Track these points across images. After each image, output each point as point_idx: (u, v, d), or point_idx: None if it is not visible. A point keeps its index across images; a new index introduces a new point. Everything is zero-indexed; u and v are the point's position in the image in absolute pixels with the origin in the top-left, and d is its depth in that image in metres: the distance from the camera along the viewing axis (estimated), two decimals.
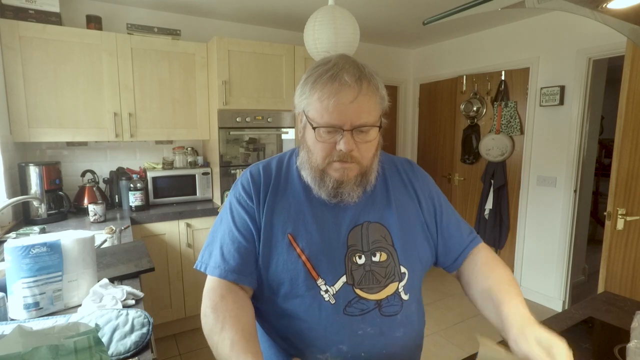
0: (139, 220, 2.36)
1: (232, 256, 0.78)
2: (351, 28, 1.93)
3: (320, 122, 0.72)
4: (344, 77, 0.71)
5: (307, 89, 0.74)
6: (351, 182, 0.76)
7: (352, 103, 0.70)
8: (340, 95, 0.70)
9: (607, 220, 1.98)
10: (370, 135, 0.75)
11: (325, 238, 0.78)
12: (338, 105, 0.70)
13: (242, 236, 0.79)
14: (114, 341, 0.88)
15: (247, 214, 0.81)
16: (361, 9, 2.74)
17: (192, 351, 2.43)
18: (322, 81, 0.72)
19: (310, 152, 0.77)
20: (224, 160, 2.69)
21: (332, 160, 0.75)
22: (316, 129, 0.73)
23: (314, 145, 0.75)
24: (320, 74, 0.73)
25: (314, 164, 0.77)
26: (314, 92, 0.73)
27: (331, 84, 0.71)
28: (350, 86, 0.70)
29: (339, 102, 0.70)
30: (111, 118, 2.42)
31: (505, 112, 3.24)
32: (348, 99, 0.70)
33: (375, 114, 0.74)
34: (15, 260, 1.00)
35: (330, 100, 0.70)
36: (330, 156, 0.74)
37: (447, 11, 0.87)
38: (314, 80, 0.73)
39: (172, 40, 2.56)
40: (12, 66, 2.13)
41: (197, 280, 2.60)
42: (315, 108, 0.73)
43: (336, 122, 0.71)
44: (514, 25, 3.13)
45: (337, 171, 0.75)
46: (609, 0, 0.75)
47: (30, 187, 2.18)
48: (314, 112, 0.73)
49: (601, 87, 2.99)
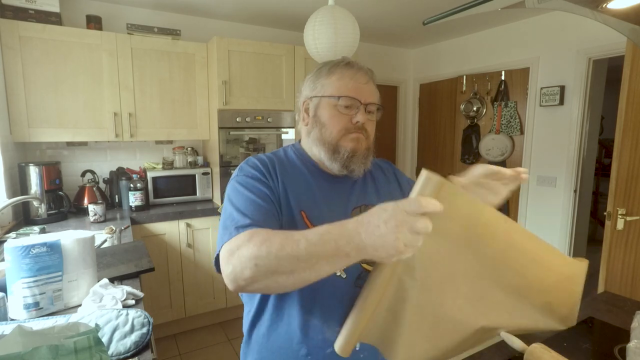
0: (139, 220, 2.36)
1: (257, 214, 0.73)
2: (351, 28, 1.93)
3: (341, 94, 0.82)
4: (358, 64, 0.85)
5: (322, 75, 0.85)
6: (361, 155, 0.84)
7: (366, 84, 0.84)
8: (358, 77, 0.83)
9: (607, 220, 1.98)
10: (377, 115, 0.87)
11: (333, 216, 0.80)
12: (356, 83, 0.83)
13: (264, 201, 0.77)
14: (114, 341, 0.88)
15: (264, 185, 0.80)
16: (361, 9, 2.74)
17: (192, 351, 2.43)
18: (339, 67, 0.84)
19: (325, 127, 0.84)
20: (224, 160, 2.69)
21: (348, 132, 0.83)
22: (340, 98, 0.82)
23: (330, 119, 0.83)
24: (335, 63, 0.85)
25: (328, 137, 0.84)
26: (332, 75, 0.84)
27: (349, 68, 0.84)
28: (364, 71, 0.85)
29: (357, 81, 0.83)
30: (111, 118, 2.42)
31: (505, 112, 3.24)
32: (363, 80, 0.83)
33: (379, 100, 0.86)
34: (15, 260, 1.01)
35: (350, 79, 0.83)
36: (346, 129, 0.83)
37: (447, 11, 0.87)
38: (329, 68, 0.85)
39: (172, 40, 2.56)
40: (12, 66, 2.13)
41: (197, 280, 2.60)
42: (334, 86, 0.83)
43: (356, 96, 0.82)
44: (514, 25, 3.13)
45: (352, 141, 0.83)
46: (609, 0, 0.75)
47: (30, 187, 2.18)
48: (332, 89, 0.83)
49: (601, 87, 2.98)
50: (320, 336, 0.78)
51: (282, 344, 0.80)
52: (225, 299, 2.71)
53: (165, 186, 2.68)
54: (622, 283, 1.94)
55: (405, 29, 3.32)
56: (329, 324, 0.79)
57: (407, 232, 0.48)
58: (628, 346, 0.85)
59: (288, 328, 0.80)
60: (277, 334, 0.81)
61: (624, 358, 0.85)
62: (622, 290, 1.93)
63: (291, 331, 0.79)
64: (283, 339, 0.80)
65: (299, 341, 0.78)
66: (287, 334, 0.80)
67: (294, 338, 0.79)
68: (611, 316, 1.09)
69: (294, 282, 0.59)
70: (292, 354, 0.79)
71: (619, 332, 0.99)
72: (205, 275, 2.62)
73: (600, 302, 1.19)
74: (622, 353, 0.88)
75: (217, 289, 2.67)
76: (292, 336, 0.79)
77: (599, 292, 1.90)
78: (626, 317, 1.06)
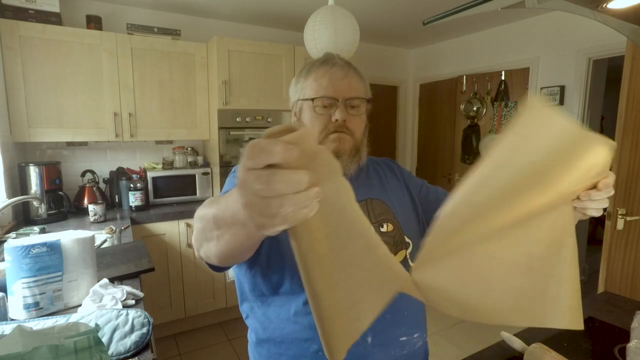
0: (139, 220, 2.36)
1: None
2: (351, 28, 1.93)
3: (316, 95, 0.80)
4: (334, 60, 0.83)
5: (302, 77, 0.84)
6: (347, 154, 0.82)
7: (343, 79, 0.80)
8: (333, 72, 0.81)
9: (607, 220, 1.98)
10: (361, 109, 0.83)
11: None
12: (332, 80, 0.80)
13: None
14: (114, 341, 0.88)
15: None
16: (361, 9, 2.74)
17: (192, 351, 2.43)
18: (315, 66, 0.83)
19: None
20: (224, 160, 2.69)
21: (328, 133, 0.81)
22: (314, 100, 0.80)
23: (311, 121, 0.82)
24: (313, 62, 0.85)
25: None
26: (309, 76, 0.83)
27: (324, 66, 0.82)
28: (341, 66, 0.82)
29: (332, 78, 0.80)
30: (111, 118, 2.42)
31: (505, 112, 3.24)
32: (340, 76, 0.81)
33: (363, 93, 0.83)
34: (15, 260, 1.00)
35: (324, 78, 0.80)
36: (326, 129, 0.80)
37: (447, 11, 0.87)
38: (308, 68, 0.84)
39: (172, 41, 2.56)
40: (12, 66, 2.13)
41: (197, 280, 2.60)
42: (311, 88, 0.82)
43: (331, 94, 0.79)
44: (514, 25, 3.13)
45: (334, 141, 0.81)
46: (609, 0, 0.75)
47: (30, 187, 2.18)
48: (310, 91, 0.82)
49: (601, 87, 2.98)
50: None
51: (292, 341, 0.77)
52: (225, 299, 2.71)
53: (165, 186, 2.68)
54: (622, 283, 1.94)
55: (405, 29, 3.32)
56: None
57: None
58: (628, 346, 0.85)
59: (294, 327, 0.77)
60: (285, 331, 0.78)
61: (624, 358, 0.85)
62: (622, 290, 1.93)
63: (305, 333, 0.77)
64: (292, 336, 0.77)
65: (308, 337, 0.76)
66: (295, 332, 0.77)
67: (302, 334, 0.76)
68: (611, 316, 1.09)
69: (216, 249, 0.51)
70: (302, 351, 0.77)
71: (619, 332, 0.99)
72: (205, 275, 2.62)
73: (600, 302, 1.19)
74: (622, 353, 0.88)
75: (217, 289, 2.67)
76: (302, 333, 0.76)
77: (599, 292, 1.90)
78: (626, 317, 1.06)
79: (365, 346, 0.76)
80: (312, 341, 0.75)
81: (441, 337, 2.59)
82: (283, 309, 0.78)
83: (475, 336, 2.59)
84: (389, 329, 0.78)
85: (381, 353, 0.77)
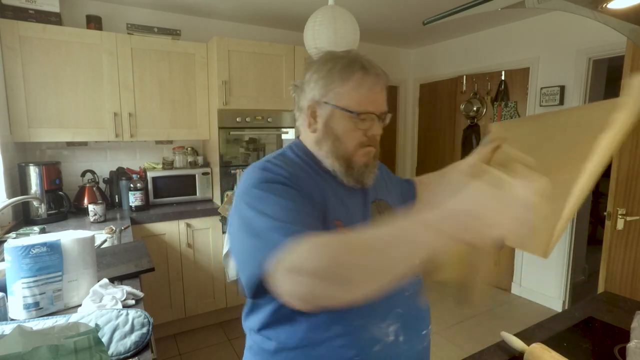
0: (139, 220, 2.36)
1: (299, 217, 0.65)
2: (351, 28, 1.93)
3: (359, 109, 0.75)
4: (374, 68, 0.77)
5: (335, 80, 0.76)
6: (372, 165, 0.82)
7: (381, 92, 0.78)
8: (376, 84, 0.76)
9: (607, 220, 1.98)
10: (387, 121, 0.82)
11: (360, 220, 0.80)
12: (372, 93, 0.76)
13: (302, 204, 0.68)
14: (114, 341, 0.88)
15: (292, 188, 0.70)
16: (361, 9, 2.74)
17: (192, 351, 2.43)
18: (355, 71, 0.75)
19: (339, 141, 0.78)
20: (224, 160, 2.69)
21: (361, 146, 0.79)
22: (358, 115, 0.75)
23: (346, 134, 0.77)
24: (347, 65, 0.76)
25: (342, 152, 0.78)
26: (346, 82, 0.75)
27: (366, 75, 0.76)
28: (380, 77, 0.77)
29: (374, 90, 0.76)
30: (111, 118, 2.42)
31: (505, 112, 3.24)
32: (379, 88, 0.77)
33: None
34: (15, 260, 1.01)
35: (367, 89, 0.76)
36: (361, 143, 0.78)
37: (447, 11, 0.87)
38: (341, 70, 0.76)
39: (172, 40, 2.56)
40: (12, 66, 2.13)
41: (197, 280, 2.60)
42: (350, 98, 0.75)
43: (373, 109, 0.76)
44: (514, 25, 3.13)
45: (365, 155, 0.80)
46: (609, 0, 0.75)
47: (30, 187, 2.18)
48: (348, 101, 0.76)
49: (601, 87, 2.98)
50: (368, 335, 0.75)
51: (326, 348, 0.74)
52: (225, 299, 2.71)
53: (165, 186, 2.68)
54: (622, 283, 1.94)
55: (405, 29, 3.32)
56: (374, 320, 0.75)
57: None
58: (628, 346, 0.85)
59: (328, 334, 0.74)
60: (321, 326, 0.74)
61: (624, 358, 0.85)
62: (622, 290, 1.93)
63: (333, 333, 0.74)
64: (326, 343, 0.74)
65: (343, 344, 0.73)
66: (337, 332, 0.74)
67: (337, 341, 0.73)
68: (611, 316, 1.09)
69: (371, 290, 0.51)
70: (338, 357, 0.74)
71: (619, 332, 0.99)
72: (205, 275, 2.62)
73: (600, 302, 1.19)
74: (622, 353, 0.88)
75: (217, 289, 2.67)
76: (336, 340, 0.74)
77: (599, 292, 1.90)
78: (626, 317, 1.06)
79: (397, 345, 0.77)
80: (347, 347, 0.74)
81: (441, 337, 2.59)
82: (317, 317, 0.74)
83: (475, 336, 2.59)
84: (415, 325, 0.81)
85: (410, 350, 0.79)
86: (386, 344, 0.76)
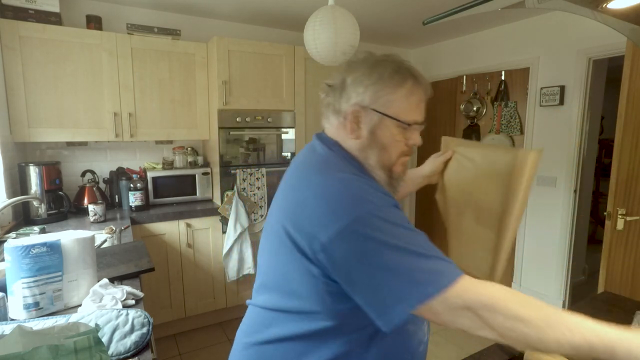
0: (139, 220, 2.36)
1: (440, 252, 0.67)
2: (351, 28, 1.93)
3: (410, 120, 0.74)
4: (422, 77, 0.76)
5: (386, 85, 0.72)
6: (405, 174, 0.81)
7: (426, 102, 0.77)
8: (425, 94, 0.76)
9: (607, 220, 1.98)
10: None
11: None
12: (423, 103, 0.76)
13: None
14: (114, 341, 0.88)
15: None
16: (361, 9, 2.74)
17: (192, 351, 2.43)
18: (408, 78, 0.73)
19: (385, 151, 0.75)
20: (224, 160, 2.69)
21: (402, 155, 0.78)
22: (409, 125, 0.74)
23: (393, 144, 0.75)
24: (396, 70, 0.73)
25: (386, 162, 0.76)
26: (399, 89, 0.73)
27: (419, 85, 0.74)
28: (428, 87, 0.76)
29: (421, 99, 0.76)
30: (111, 118, 2.42)
31: (505, 112, 3.24)
32: (424, 98, 0.77)
33: None
34: (15, 260, 1.01)
35: (417, 99, 0.75)
36: (403, 152, 0.77)
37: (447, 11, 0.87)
38: (392, 75, 0.73)
39: (172, 40, 2.56)
40: (12, 66, 2.13)
41: (197, 280, 2.60)
42: (402, 107, 0.73)
43: (422, 119, 0.76)
44: (514, 25, 3.13)
45: (402, 165, 0.79)
46: (609, 0, 0.75)
47: (30, 187, 2.18)
48: (399, 110, 0.73)
49: (601, 87, 2.98)
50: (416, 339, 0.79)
51: None
52: (225, 299, 2.71)
53: (165, 186, 2.68)
54: (622, 283, 1.94)
55: (405, 29, 3.32)
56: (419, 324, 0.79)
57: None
58: None
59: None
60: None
61: None
62: (622, 290, 1.93)
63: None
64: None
65: None
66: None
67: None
68: (611, 316, 1.09)
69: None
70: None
71: None
72: (205, 275, 2.62)
73: (600, 302, 1.19)
74: None
75: (217, 289, 2.67)
76: None
77: (599, 292, 1.90)
78: (626, 317, 1.06)
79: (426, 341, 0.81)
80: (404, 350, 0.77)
81: (441, 337, 2.59)
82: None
83: (475, 336, 2.59)
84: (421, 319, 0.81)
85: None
86: (424, 342, 0.82)
